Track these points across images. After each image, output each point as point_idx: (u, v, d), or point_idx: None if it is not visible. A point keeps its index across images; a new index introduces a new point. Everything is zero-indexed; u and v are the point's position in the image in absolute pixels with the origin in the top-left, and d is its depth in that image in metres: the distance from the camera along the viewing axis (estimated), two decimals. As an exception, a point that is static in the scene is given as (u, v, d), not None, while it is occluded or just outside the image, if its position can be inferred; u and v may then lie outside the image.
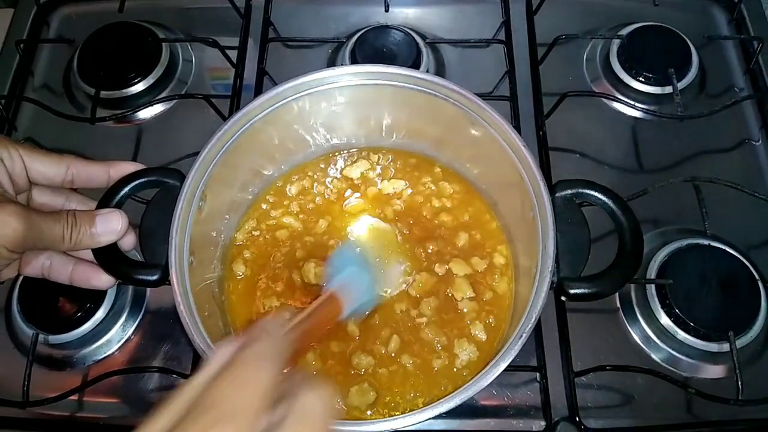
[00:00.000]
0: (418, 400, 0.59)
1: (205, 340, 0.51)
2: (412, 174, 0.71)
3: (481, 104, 0.58)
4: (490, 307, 0.63)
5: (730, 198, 0.74)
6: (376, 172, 0.71)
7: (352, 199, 0.70)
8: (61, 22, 0.94)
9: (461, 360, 0.60)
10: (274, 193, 0.70)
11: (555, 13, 0.90)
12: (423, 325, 0.62)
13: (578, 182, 0.55)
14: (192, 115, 0.84)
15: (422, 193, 0.70)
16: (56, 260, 0.57)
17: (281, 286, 0.65)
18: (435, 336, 0.61)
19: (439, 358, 0.61)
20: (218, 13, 0.91)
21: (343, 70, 0.61)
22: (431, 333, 0.61)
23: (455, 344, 0.61)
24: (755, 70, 0.86)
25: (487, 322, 0.62)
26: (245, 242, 0.68)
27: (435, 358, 0.61)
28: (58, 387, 0.66)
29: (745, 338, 0.67)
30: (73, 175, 0.56)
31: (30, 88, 0.88)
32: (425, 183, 0.70)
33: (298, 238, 0.68)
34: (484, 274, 0.65)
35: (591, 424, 0.64)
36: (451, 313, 0.63)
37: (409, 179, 0.71)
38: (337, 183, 0.71)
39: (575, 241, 0.53)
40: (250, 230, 0.68)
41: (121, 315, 0.71)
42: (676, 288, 0.68)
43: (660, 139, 0.81)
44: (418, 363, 0.61)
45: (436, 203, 0.69)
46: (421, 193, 0.70)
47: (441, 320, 0.62)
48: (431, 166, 0.71)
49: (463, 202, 0.69)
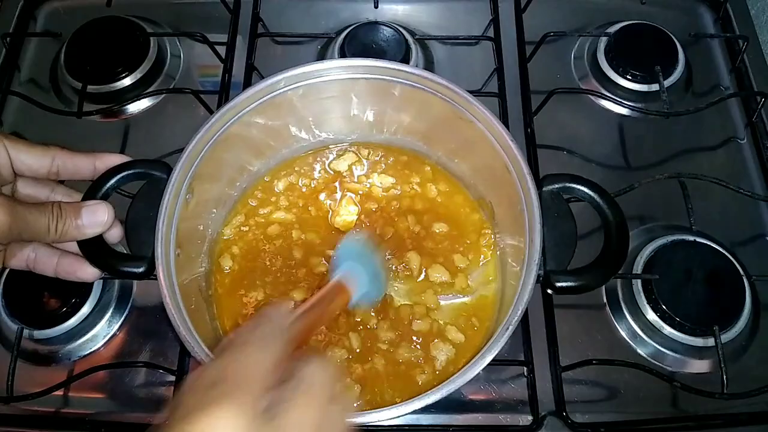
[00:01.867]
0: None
1: (191, 332, 0.51)
2: (402, 171, 0.71)
3: (469, 98, 0.58)
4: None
5: (716, 194, 0.75)
6: (365, 166, 0.71)
7: (339, 193, 0.70)
8: (49, 15, 0.93)
9: (440, 361, 0.61)
10: (261, 188, 0.70)
11: (543, 11, 0.90)
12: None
13: (565, 176, 0.56)
14: (180, 111, 0.83)
15: (408, 193, 0.70)
16: (41, 252, 0.56)
17: (270, 280, 0.65)
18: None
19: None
20: (207, 9, 0.91)
21: (332, 63, 0.61)
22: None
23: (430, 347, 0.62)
24: (741, 68, 0.86)
25: (470, 323, 0.63)
26: (233, 237, 0.68)
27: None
28: (43, 382, 0.65)
29: (730, 333, 0.67)
30: (59, 167, 0.55)
31: (16, 82, 0.87)
32: (412, 181, 0.71)
33: (289, 231, 0.68)
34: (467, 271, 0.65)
35: (578, 419, 0.64)
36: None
37: (399, 176, 0.71)
38: (324, 177, 0.71)
39: (562, 235, 0.53)
40: (238, 225, 0.68)
41: (107, 310, 0.70)
42: (661, 283, 0.68)
43: (647, 137, 0.82)
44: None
45: (421, 202, 0.69)
46: (407, 193, 0.70)
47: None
48: (421, 164, 0.71)
49: (449, 199, 0.70)
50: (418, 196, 0.70)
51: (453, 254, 0.66)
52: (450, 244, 0.67)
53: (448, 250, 0.66)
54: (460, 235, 0.67)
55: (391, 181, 0.70)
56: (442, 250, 0.66)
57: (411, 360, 0.61)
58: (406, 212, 0.68)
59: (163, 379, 0.67)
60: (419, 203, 0.69)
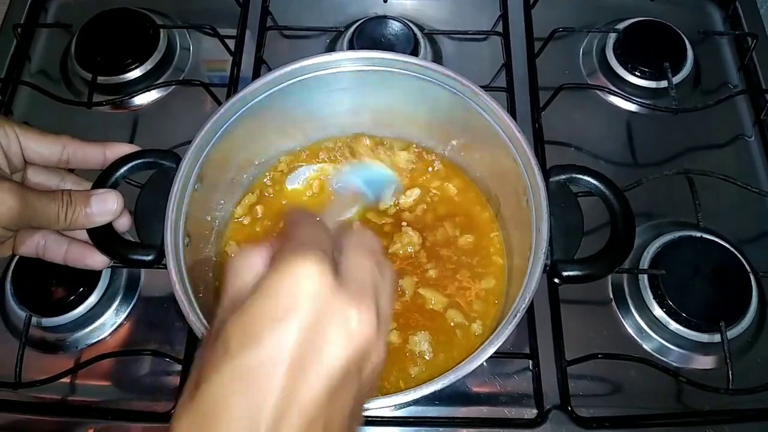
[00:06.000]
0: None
1: (199, 320, 0.51)
2: (408, 163, 0.71)
3: (477, 90, 0.59)
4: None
5: (723, 191, 0.74)
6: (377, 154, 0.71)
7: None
8: (59, 6, 0.94)
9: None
10: (270, 177, 0.71)
11: (552, 7, 0.90)
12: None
13: (572, 167, 0.56)
14: (189, 103, 0.84)
15: (420, 184, 0.70)
16: (51, 240, 0.56)
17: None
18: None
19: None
20: (216, 2, 0.91)
21: (341, 55, 0.62)
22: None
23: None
24: (749, 66, 0.86)
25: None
26: (241, 227, 0.68)
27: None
28: (51, 370, 0.65)
29: (736, 329, 0.67)
30: (69, 156, 0.56)
31: (27, 72, 0.88)
32: (423, 175, 0.71)
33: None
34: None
35: (582, 413, 0.64)
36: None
37: (406, 168, 0.71)
38: (332, 168, 0.71)
39: (568, 225, 0.53)
40: (247, 211, 0.69)
41: (114, 299, 0.71)
42: (668, 279, 0.68)
43: (654, 133, 0.82)
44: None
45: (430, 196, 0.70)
46: (420, 185, 0.70)
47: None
48: (428, 155, 0.71)
49: (458, 194, 0.70)
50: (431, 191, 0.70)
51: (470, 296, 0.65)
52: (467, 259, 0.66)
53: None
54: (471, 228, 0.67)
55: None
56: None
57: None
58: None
59: (170, 368, 0.68)
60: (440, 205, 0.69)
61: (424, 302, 0.63)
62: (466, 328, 0.62)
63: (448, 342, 0.61)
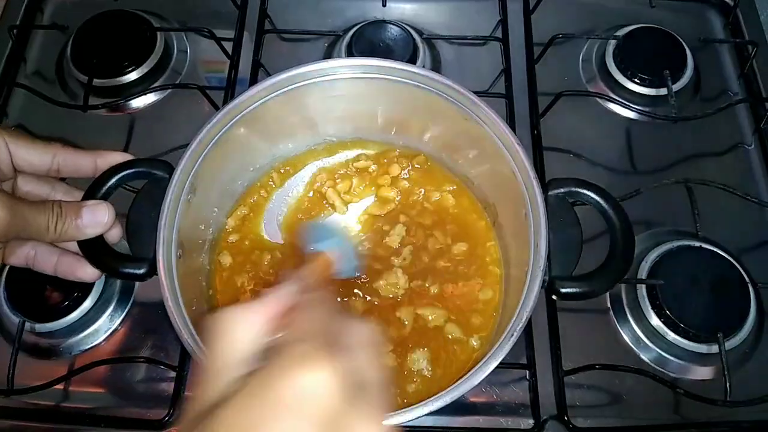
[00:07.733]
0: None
1: (192, 336, 0.50)
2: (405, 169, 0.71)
3: (476, 100, 0.58)
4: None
5: (722, 201, 0.74)
6: (370, 166, 0.71)
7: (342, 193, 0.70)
8: (56, 8, 0.93)
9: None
10: (265, 186, 0.70)
11: (552, 13, 0.89)
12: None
13: (571, 181, 0.55)
14: (185, 106, 0.83)
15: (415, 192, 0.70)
16: (41, 251, 0.56)
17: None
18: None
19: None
20: (214, 4, 0.90)
21: (339, 62, 0.61)
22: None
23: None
24: (749, 74, 0.86)
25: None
26: (232, 235, 0.68)
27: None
28: (44, 376, 0.65)
29: (734, 340, 0.67)
30: (60, 164, 0.55)
31: (22, 74, 0.87)
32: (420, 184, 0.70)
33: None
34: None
35: (579, 423, 0.64)
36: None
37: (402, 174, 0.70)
38: (327, 176, 0.70)
39: (567, 241, 0.53)
40: (239, 223, 0.68)
41: (109, 305, 0.70)
42: (666, 289, 0.68)
43: (654, 141, 0.81)
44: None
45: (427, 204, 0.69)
46: (416, 193, 0.70)
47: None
48: (425, 162, 0.71)
49: (455, 203, 0.69)
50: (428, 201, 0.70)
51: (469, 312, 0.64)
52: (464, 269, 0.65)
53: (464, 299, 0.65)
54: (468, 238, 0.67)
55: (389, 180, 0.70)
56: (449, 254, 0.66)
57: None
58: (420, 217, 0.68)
59: (164, 375, 0.67)
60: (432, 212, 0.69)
61: (425, 322, 0.63)
62: (464, 342, 0.61)
63: (446, 358, 0.61)
